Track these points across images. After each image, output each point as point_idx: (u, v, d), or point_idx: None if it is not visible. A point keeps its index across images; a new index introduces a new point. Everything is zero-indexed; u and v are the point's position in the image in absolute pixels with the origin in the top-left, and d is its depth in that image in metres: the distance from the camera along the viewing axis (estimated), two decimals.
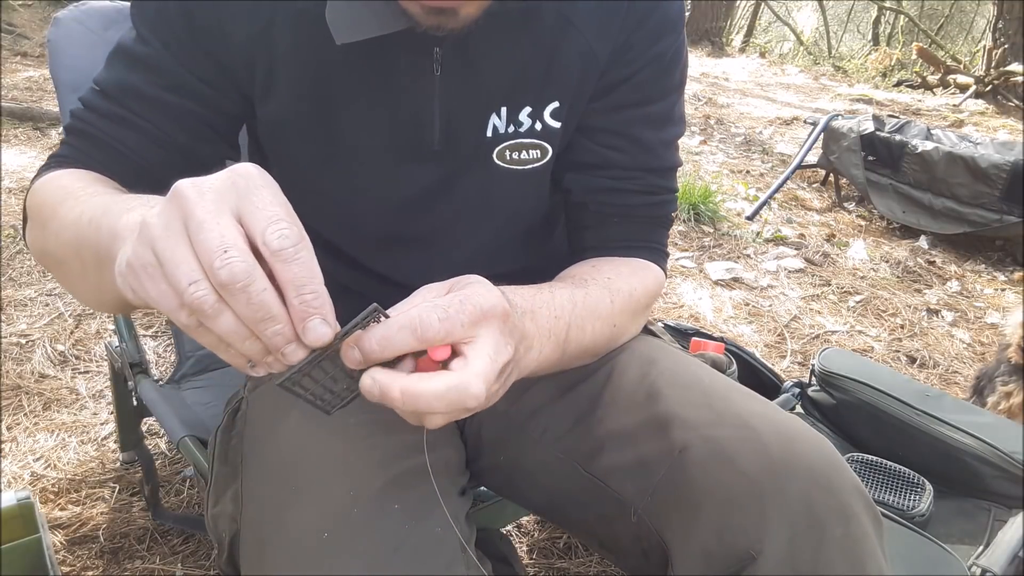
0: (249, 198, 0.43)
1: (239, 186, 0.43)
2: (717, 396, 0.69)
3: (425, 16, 0.59)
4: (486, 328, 0.50)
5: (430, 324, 0.47)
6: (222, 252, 0.40)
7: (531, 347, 0.59)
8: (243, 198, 0.43)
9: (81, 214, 0.57)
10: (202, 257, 0.41)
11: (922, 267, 3.08)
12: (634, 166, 0.77)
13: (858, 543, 0.59)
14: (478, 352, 0.49)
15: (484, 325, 0.50)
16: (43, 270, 2.19)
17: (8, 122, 3.49)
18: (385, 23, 0.61)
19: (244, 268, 0.40)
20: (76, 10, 1.14)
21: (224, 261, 0.40)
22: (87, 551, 1.26)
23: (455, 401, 0.46)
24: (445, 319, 0.48)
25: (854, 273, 2.94)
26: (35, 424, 1.55)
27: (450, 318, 0.48)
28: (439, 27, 0.61)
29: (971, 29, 15.39)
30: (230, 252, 0.40)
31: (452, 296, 0.50)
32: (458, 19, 0.60)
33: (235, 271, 0.40)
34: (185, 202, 0.42)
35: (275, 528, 0.60)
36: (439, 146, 0.71)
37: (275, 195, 0.44)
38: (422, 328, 0.47)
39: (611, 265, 0.77)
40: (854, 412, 1.42)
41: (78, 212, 0.58)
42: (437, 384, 0.46)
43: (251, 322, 0.42)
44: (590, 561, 1.35)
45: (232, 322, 0.42)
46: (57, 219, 0.60)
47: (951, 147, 3.30)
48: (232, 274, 0.40)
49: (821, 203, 3.81)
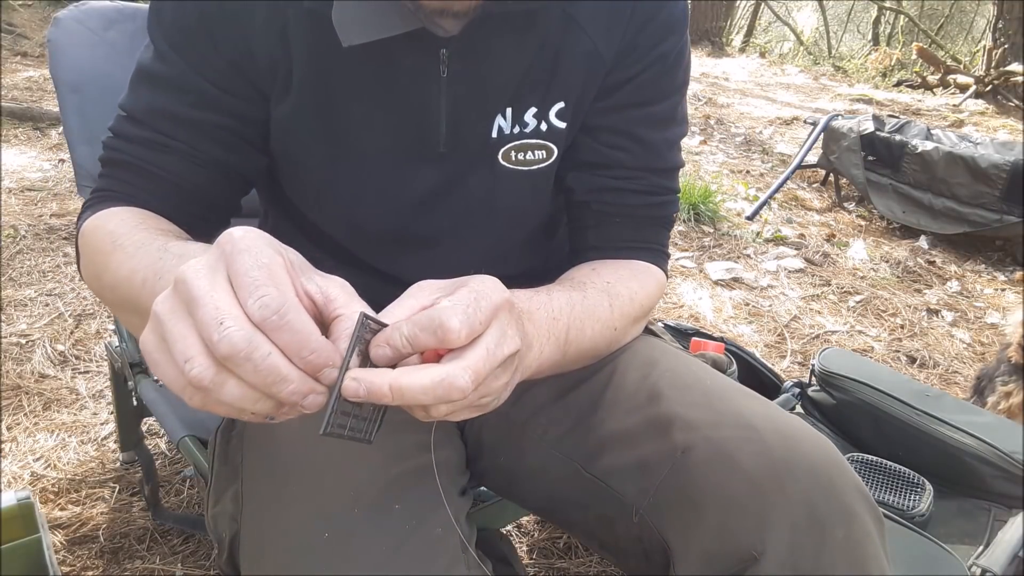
0: (233, 267, 0.42)
1: (226, 252, 0.43)
2: (718, 397, 0.69)
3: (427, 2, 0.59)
4: (492, 321, 0.49)
5: (451, 327, 0.46)
6: (218, 324, 0.40)
7: (531, 346, 0.59)
8: (229, 266, 0.43)
9: (133, 272, 0.58)
10: (202, 333, 0.41)
11: (922, 267, 3.08)
12: (637, 166, 0.77)
13: (860, 544, 0.59)
14: (474, 343, 0.48)
15: (496, 317, 0.49)
16: (43, 270, 2.20)
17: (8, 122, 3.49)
18: (391, 25, 0.61)
19: (243, 336, 0.40)
20: (76, 10, 1.14)
21: (222, 334, 0.40)
22: (87, 551, 1.26)
23: (442, 395, 0.45)
24: (466, 322, 0.46)
25: (854, 273, 2.94)
26: (35, 424, 1.55)
27: (470, 320, 0.46)
28: (444, 10, 0.61)
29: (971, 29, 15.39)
30: (226, 323, 0.40)
31: (467, 294, 0.48)
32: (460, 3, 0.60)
33: (234, 341, 0.40)
34: (183, 284, 0.42)
35: (275, 528, 0.60)
36: (445, 147, 0.71)
37: (256, 256, 0.43)
38: (443, 331, 0.46)
39: (611, 268, 0.77)
40: (854, 412, 1.42)
41: (129, 270, 0.59)
42: (423, 378, 0.45)
43: (264, 387, 0.42)
44: (590, 561, 1.35)
45: (238, 391, 0.42)
46: (109, 272, 0.62)
47: (951, 147, 3.30)
48: (232, 345, 0.40)
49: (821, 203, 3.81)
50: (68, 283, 2.14)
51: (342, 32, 0.61)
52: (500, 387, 0.50)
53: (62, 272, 2.20)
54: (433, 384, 0.45)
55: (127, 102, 0.71)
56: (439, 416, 0.49)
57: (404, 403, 0.45)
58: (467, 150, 0.72)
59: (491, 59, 0.68)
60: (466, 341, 0.46)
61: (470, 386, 0.46)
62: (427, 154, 0.72)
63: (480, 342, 0.48)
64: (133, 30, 1.17)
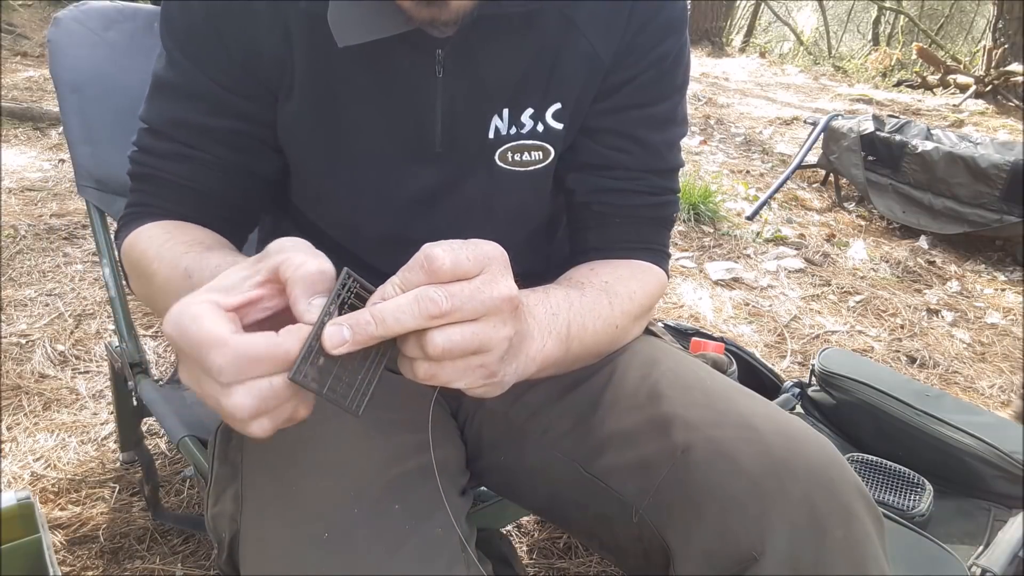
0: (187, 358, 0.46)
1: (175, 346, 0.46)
2: (719, 397, 0.69)
3: (417, 9, 0.59)
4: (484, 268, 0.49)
5: (435, 255, 0.46)
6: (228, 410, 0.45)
7: (532, 336, 0.58)
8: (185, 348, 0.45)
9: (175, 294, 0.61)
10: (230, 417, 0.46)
11: (922, 267, 3.08)
12: (637, 167, 0.77)
13: (860, 544, 0.59)
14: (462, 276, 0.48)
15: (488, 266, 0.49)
16: (43, 270, 2.20)
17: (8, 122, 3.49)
18: (387, 25, 0.61)
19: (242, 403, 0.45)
20: (76, 10, 1.14)
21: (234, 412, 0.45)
22: (87, 551, 1.26)
23: (422, 311, 0.45)
24: (449, 251, 0.47)
25: (854, 273, 2.94)
26: (35, 424, 1.55)
27: (455, 252, 0.47)
28: (432, 20, 0.61)
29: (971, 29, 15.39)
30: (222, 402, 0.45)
31: (458, 240, 0.49)
32: (450, 11, 0.59)
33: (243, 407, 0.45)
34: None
35: (275, 528, 0.60)
36: (441, 147, 0.71)
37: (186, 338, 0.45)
38: (428, 260, 0.46)
39: (609, 268, 0.77)
40: (854, 412, 1.42)
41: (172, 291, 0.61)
42: (401, 298, 0.46)
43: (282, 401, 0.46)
44: (590, 561, 1.35)
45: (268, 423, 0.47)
46: (154, 288, 0.66)
47: (951, 147, 3.30)
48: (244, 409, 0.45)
49: (821, 203, 3.81)
50: (68, 283, 2.14)
51: (338, 32, 0.61)
52: (501, 340, 0.50)
53: (62, 272, 2.20)
54: (409, 301, 0.46)
55: (146, 114, 0.73)
56: (436, 354, 0.47)
57: (387, 329, 0.46)
58: (464, 151, 0.72)
59: (488, 60, 0.68)
60: (452, 273, 0.47)
61: (444, 300, 0.46)
62: (423, 154, 0.72)
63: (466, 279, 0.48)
64: (133, 30, 1.17)
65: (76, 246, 2.39)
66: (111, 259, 1.18)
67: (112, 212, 1.15)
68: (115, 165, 1.12)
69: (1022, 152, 3.16)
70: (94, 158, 1.13)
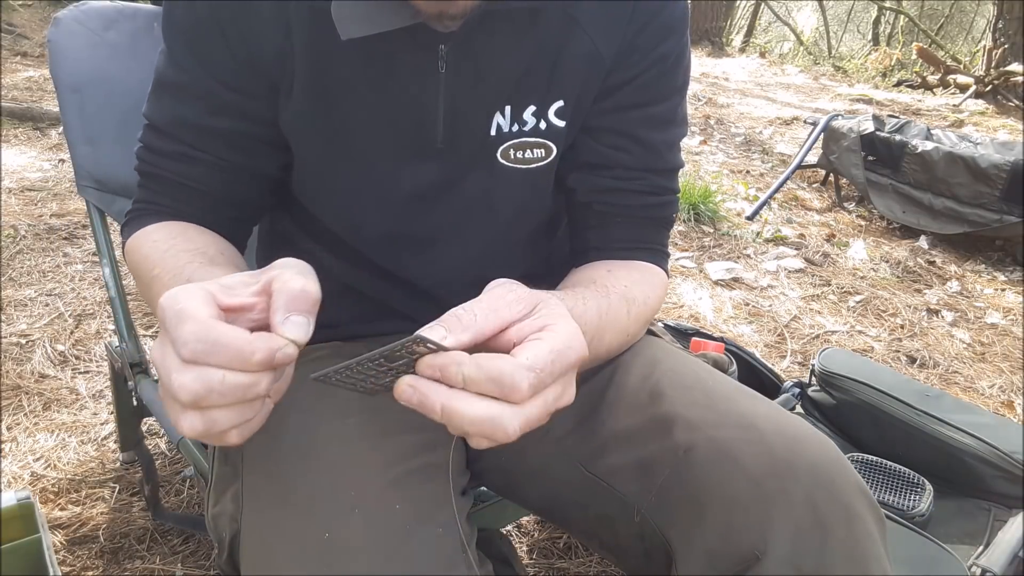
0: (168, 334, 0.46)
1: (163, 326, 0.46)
2: (720, 397, 0.69)
3: (427, 3, 0.59)
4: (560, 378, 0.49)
5: (520, 389, 0.45)
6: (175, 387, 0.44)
7: None
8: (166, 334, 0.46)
9: None
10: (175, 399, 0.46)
11: (922, 267, 3.08)
12: (637, 166, 0.77)
13: (861, 543, 0.59)
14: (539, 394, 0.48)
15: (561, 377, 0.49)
16: (43, 270, 2.20)
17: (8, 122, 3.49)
18: (390, 19, 0.62)
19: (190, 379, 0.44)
20: (76, 10, 1.14)
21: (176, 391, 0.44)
22: (87, 551, 1.26)
23: (487, 432, 0.46)
24: (536, 386, 0.46)
25: (854, 273, 2.94)
26: (35, 424, 1.55)
27: (541, 384, 0.46)
28: (441, 15, 0.61)
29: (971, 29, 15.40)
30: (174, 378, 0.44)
31: (547, 354, 0.47)
32: (458, 5, 0.60)
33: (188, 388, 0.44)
34: None
35: (276, 528, 0.60)
36: (443, 144, 0.71)
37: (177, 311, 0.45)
38: (511, 391, 0.45)
39: (626, 271, 0.77)
40: (854, 412, 1.42)
41: None
42: (476, 410, 0.45)
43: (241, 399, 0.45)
44: (590, 561, 1.35)
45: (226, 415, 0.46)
46: (152, 294, 0.66)
47: (951, 147, 3.30)
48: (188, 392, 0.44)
49: (821, 203, 3.82)
50: (68, 283, 2.14)
51: (341, 25, 0.61)
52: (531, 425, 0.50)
53: (62, 272, 2.20)
54: (482, 419, 0.46)
55: (150, 111, 0.74)
56: (473, 445, 0.48)
57: (449, 426, 0.47)
58: (465, 147, 0.72)
59: (491, 57, 0.68)
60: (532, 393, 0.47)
61: (517, 433, 0.46)
62: (425, 150, 0.72)
63: (541, 394, 0.48)
64: (133, 30, 1.17)
65: (76, 246, 2.39)
66: (111, 259, 1.18)
67: (112, 212, 1.15)
68: (115, 165, 1.12)
69: (1022, 152, 3.16)
70: (94, 158, 1.13)
